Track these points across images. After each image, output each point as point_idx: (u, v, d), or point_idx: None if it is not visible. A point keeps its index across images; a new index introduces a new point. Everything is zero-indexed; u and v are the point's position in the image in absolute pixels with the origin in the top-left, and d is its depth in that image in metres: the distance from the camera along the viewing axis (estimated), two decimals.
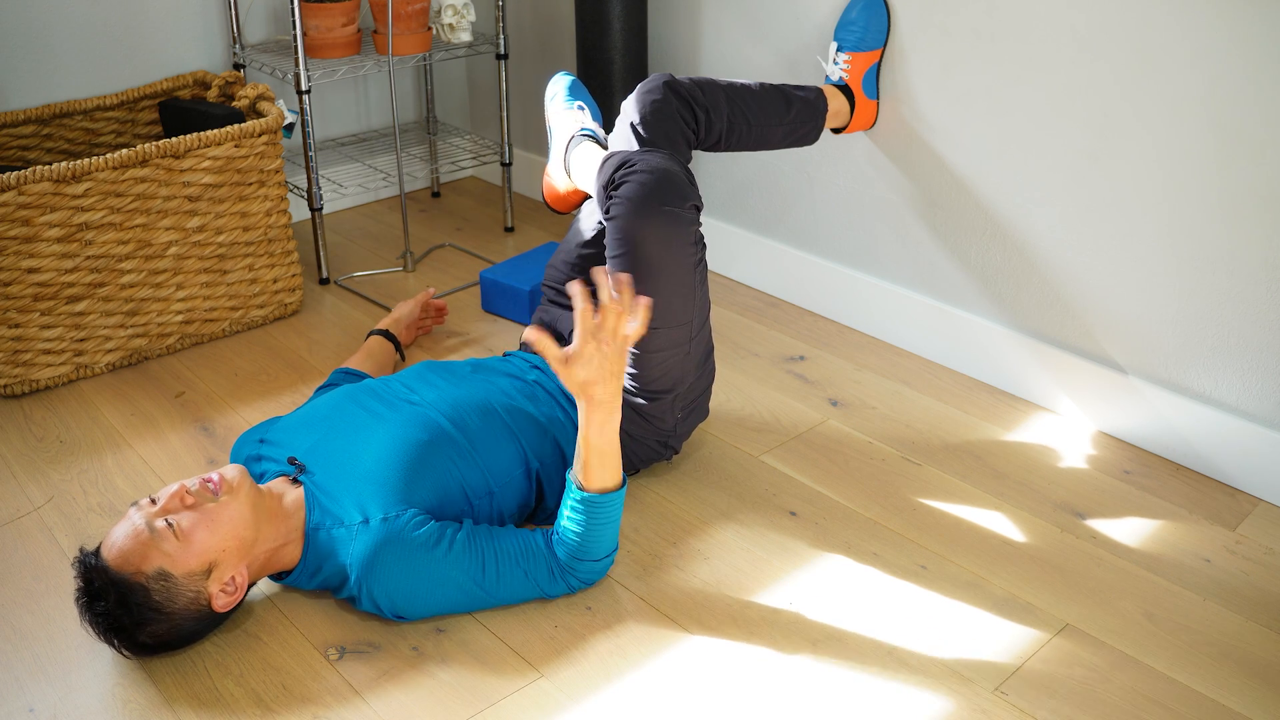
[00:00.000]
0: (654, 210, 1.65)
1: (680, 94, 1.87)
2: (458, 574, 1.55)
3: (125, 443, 2.04)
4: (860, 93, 2.15)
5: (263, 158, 2.32)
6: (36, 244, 2.08)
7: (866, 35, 2.13)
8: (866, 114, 2.18)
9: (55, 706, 1.48)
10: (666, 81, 1.86)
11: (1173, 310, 1.92)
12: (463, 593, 1.57)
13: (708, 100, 1.90)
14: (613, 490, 1.58)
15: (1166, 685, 1.51)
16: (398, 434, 1.64)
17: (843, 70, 2.15)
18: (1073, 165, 1.97)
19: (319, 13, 2.49)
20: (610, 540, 1.62)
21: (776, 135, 2.04)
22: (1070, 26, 1.90)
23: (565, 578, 1.62)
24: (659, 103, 1.84)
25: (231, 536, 1.50)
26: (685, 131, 1.87)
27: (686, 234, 1.70)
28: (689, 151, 1.89)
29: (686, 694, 1.50)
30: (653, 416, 1.80)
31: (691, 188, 1.70)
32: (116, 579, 1.44)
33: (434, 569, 1.54)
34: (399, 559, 1.52)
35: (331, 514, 1.58)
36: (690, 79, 1.91)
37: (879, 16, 2.12)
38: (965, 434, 2.06)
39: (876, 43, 2.13)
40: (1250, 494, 1.89)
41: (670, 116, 1.85)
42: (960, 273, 2.21)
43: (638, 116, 1.84)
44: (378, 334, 2.18)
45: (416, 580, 1.54)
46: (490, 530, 1.60)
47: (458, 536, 1.55)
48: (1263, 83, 1.71)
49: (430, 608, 1.58)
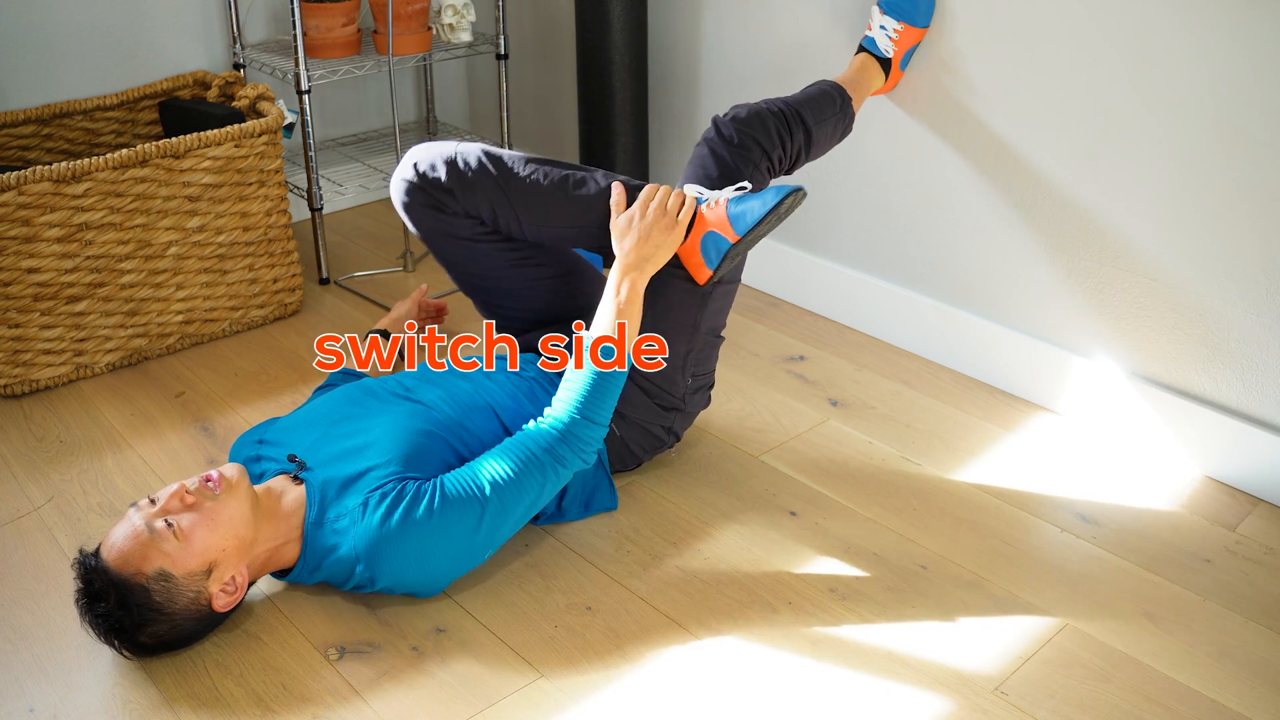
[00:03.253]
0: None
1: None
2: (458, 526, 1.54)
3: (125, 443, 2.04)
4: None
5: (263, 158, 2.32)
6: (36, 244, 2.08)
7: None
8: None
9: (55, 706, 1.48)
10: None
11: (1172, 310, 1.92)
12: (472, 546, 1.56)
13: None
14: (618, 370, 1.62)
15: (1166, 685, 1.51)
16: (395, 423, 1.65)
17: (891, 38, 2.08)
18: (1073, 165, 1.97)
19: (319, 13, 2.49)
20: (605, 409, 1.63)
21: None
22: (1070, 27, 1.90)
23: (558, 445, 1.60)
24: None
25: (231, 536, 1.50)
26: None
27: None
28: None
29: (686, 694, 1.50)
30: (662, 384, 1.79)
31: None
32: (117, 580, 1.44)
33: (435, 538, 1.53)
34: (402, 541, 1.52)
35: (333, 507, 1.58)
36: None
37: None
38: (965, 434, 2.06)
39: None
40: (1250, 494, 1.89)
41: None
42: (960, 273, 2.21)
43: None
44: (376, 334, 2.19)
45: (423, 556, 1.54)
46: (470, 473, 1.58)
47: (443, 480, 1.55)
48: (1264, 83, 1.71)
49: (448, 565, 1.57)
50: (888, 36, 2.09)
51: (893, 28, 2.08)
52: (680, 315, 1.77)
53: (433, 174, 1.77)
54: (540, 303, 1.92)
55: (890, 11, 2.09)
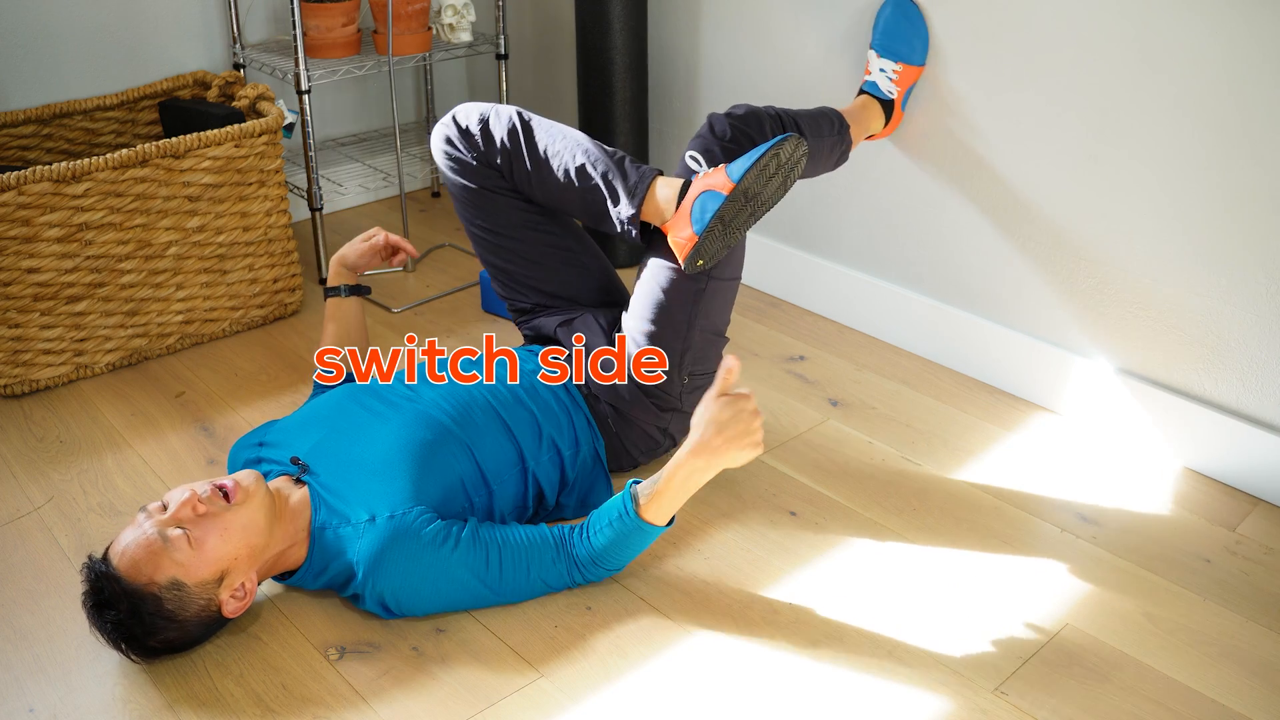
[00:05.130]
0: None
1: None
2: (463, 571, 1.55)
3: (125, 443, 2.04)
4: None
5: (263, 158, 2.32)
6: (36, 244, 2.08)
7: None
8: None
9: (55, 706, 1.48)
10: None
11: (1173, 310, 1.92)
12: (467, 590, 1.57)
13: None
14: (659, 526, 1.58)
15: (1166, 685, 1.51)
16: (402, 432, 1.64)
17: (891, 79, 2.08)
18: (1073, 165, 1.97)
19: (319, 13, 2.49)
20: (628, 558, 1.63)
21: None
22: (1070, 27, 1.90)
23: (571, 574, 1.62)
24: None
25: (244, 544, 1.50)
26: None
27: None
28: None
29: (687, 694, 1.50)
30: (658, 383, 1.79)
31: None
32: (130, 589, 1.43)
33: (440, 566, 1.54)
34: (406, 556, 1.52)
35: (338, 513, 1.58)
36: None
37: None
38: (965, 434, 2.06)
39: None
40: (1250, 494, 1.89)
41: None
42: (960, 273, 2.21)
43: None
44: (330, 295, 2.02)
45: (423, 577, 1.54)
46: (494, 527, 1.60)
47: (463, 534, 1.55)
48: (1264, 82, 1.71)
49: (435, 604, 1.59)
50: (888, 78, 2.09)
51: (891, 69, 2.08)
52: (675, 312, 1.77)
53: (465, 120, 1.85)
54: (546, 272, 1.92)
55: (886, 54, 2.09)
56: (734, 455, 1.52)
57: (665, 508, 1.56)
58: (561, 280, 1.93)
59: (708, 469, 1.53)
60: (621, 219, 1.76)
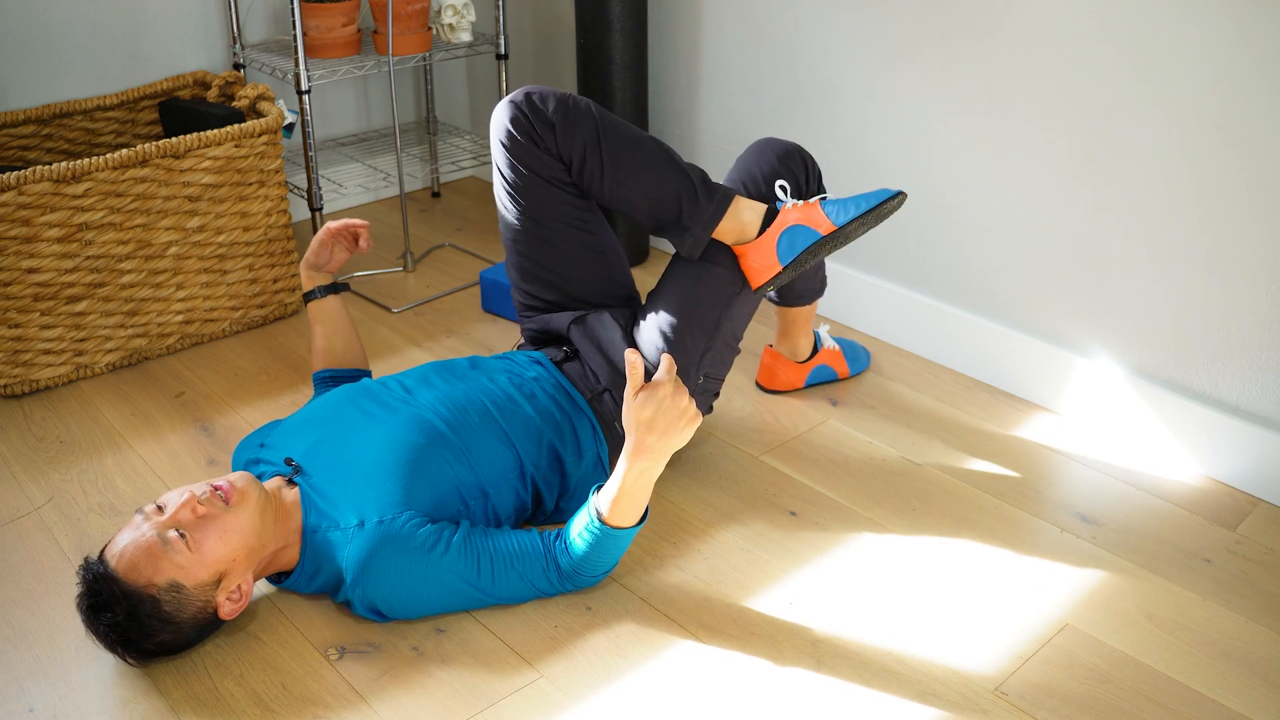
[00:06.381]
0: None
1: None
2: (452, 577, 1.55)
3: (125, 443, 2.04)
4: (774, 233, 1.74)
5: (263, 158, 2.32)
6: (36, 244, 2.08)
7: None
8: (761, 265, 1.75)
9: (55, 706, 1.48)
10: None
11: (1173, 310, 1.92)
12: (457, 595, 1.57)
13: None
14: (630, 527, 1.58)
15: (1166, 685, 1.51)
16: (394, 436, 1.64)
17: (794, 204, 1.76)
18: (1073, 165, 1.97)
19: (319, 13, 2.49)
20: (612, 562, 1.62)
21: (642, 204, 1.80)
22: (1071, 26, 1.90)
23: (562, 583, 1.62)
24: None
25: (242, 546, 1.50)
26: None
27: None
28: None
29: (686, 694, 1.50)
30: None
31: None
32: (128, 591, 1.43)
33: (429, 571, 1.54)
34: (394, 561, 1.52)
35: (328, 516, 1.57)
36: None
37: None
38: (965, 434, 2.06)
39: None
40: (1250, 494, 1.89)
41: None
42: (960, 273, 2.21)
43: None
44: (309, 300, 1.98)
45: (412, 582, 1.54)
46: (486, 531, 1.60)
47: (454, 539, 1.55)
48: (1265, 81, 1.71)
49: (428, 608, 1.59)
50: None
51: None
52: (706, 311, 1.77)
53: (542, 104, 1.77)
54: (573, 271, 1.88)
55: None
56: (674, 442, 1.52)
57: (629, 510, 1.55)
58: (588, 283, 1.90)
59: (655, 465, 1.53)
60: (693, 233, 1.75)
